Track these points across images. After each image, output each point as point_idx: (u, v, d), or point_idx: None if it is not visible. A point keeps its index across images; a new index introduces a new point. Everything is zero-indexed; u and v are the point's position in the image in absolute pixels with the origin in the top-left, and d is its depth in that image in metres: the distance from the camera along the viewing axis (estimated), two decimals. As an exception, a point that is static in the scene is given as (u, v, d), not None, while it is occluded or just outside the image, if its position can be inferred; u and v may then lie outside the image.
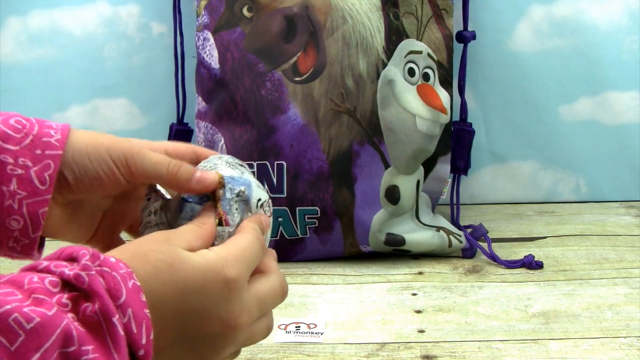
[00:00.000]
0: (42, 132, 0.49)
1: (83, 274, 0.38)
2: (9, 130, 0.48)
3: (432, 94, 0.92)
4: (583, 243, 0.98)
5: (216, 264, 0.44)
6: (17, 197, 0.47)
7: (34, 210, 0.48)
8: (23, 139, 0.48)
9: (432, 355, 0.71)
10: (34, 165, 0.48)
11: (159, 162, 0.50)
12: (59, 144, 0.48)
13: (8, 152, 0.47)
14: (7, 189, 0.47)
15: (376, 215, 0.91)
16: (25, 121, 0.49)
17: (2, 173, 0.47)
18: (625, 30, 1.05)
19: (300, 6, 0.88)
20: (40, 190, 0.48)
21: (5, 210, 0.48)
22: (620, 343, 0.73)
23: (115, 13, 1.07)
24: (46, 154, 0.48)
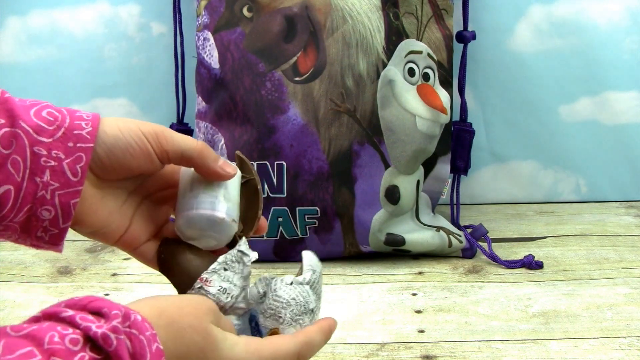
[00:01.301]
0: (73, 125, 0.50)
1: (112, 337, 0.39)
2: (42, 122, 0.49)
3: (432, 94, 0.92)
4: (583, 243, 0.98)
5: (239, 358, 0.47)
6: (50, 188, 0.48)
7: (65, 200, 0.49)
8: (56, 131, 0.49)
9: (432, 355, 0.72)
10: (67, 158, 0.49)
11: (188, 138, 0.53)
12: (90, 136, 0.50)
13: (42, 144, 0.48)
14: (41, 179, 0.48)
15: (376, 215, 0.91)
16: (57, 112, 0.50)
17: (36, 164, 0.48)
18: (625, 30, 1.05)
19: (300, 6, 0.88)
20: (72, 181, 0.49)
21: (38, 201, 0.49)
22: (620, 343, 0.73)
23: (116, 13, 1.07)
24: (78, 146, 0.49)
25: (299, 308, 0.54)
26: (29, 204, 0.49)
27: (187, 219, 0.54)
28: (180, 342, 0.44)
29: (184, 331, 0.44)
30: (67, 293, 0.87)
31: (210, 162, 0.53)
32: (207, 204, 0.54)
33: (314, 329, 0.53)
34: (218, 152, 0.91)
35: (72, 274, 0.92)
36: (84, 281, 0.90)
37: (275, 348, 0.49)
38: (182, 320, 0.45)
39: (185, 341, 0.44)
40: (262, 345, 0.48)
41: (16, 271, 0.93)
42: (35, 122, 0.48)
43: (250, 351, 0.47)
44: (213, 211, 0.54)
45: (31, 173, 0.48)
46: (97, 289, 0.87)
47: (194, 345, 0.44)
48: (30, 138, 0.48)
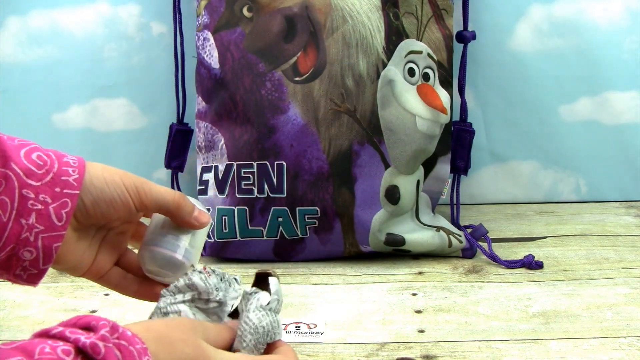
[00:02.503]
0: (61, 171, 0.51)
1: (100, 345, 0.39)
2: (32, 165, 0.50)
3: (432, 94, 0.92)
4: (583, 243, 0.98)
5: None
6: (35, 231, 0.50)
7: (48, 244, 0.50)
8: (44, 175, 0.50)
9: (432, 355, 0.71)
10: (53, 202, 0.50)
11: (166, 192, 0.56)
12: (76, 183, 0.51)
13: (30, 188, 0.50)
14: (26, 222, 0.49)
15: (376, 215, 0.91)
16: (45, 157, 0.51)
17: (23, 206, 0.49)
18: (625, 30, 1.05)
19: (300, 6, 0.88)
20: (56, 226, 0.50)
21: (21, 242, 0.50)
22: (620, 343, 0.73)
23: (115, 13, 1.07)
24: (64, 192, 0.51)
25: (264, 337, 0.55)
26: (12, 244, 0.50)
27: (150, 253, 0.58)
28: (171, 354, 0.44)
29: (174, 344, 0.45)
30: (67, 293, 0.87)
31: (185, 215, 0.57)
32: (171, 245, 0.58)
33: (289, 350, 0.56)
34: (218, 152, 0.91)
35: (72, 274, 0.92)
36: (84, 281, 0.89)
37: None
38: (171, 333, 0.45)
39: (177, 354, 0.44)
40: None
41: (16, 271, 0.93)
42: (26, 164, 0.50)
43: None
44: (174, 253, 0.58)
45: (17, 214, 0.49)
46: (97, 289, 0.87)
47: (185, 355, 0.45)
48: (20, 180, 0.49)
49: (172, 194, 0.56)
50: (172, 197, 0.56)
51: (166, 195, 0.56)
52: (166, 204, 0.56)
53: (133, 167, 1.11)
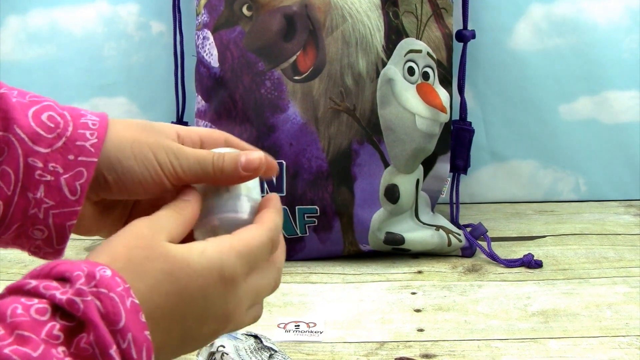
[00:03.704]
0: (76, 134, 0.43)
1: (77, 300, 0.34)
2: (40, 129, 0.42)
3: (432, 93, 0.92)
4: (582, 242, 0.98)
5: (214, 262, 0.40)
6: (44, 206, 0.43)
7: (60, 222, 0.43)
8: (55, 140, 0.42)
9: (432, 354, 0.71)
10: (65, 172, 0.42)
11: (204, 159, 0.45)
12: (94, 149, 0.43)
13: (37, 155, 0.42)
14: (33, 196, 0.42)
15: (376, 214, 0.91)
16: (59, 117, 0.43)
17: (29, 178, 0.42)
18: (625, 29, 1.05)
19: (299, 5, 0.88)
20: (69, 200, 0.43)
21: (29, 219, 0.43)
22: (620, 342, 0.73)
23: (115, 12, 1.07)
24: (79, 160, 0.43)
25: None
26: (18, 222, 0.43)
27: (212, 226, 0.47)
28: (146, 278, 0.38)
29: (143, 265, 0.39)
30: (66, 292, 0.86)
31: (232, 175, 0.46)
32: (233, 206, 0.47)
33: (271, 212, 0.46)
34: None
35: (71, 272, 0.92)
36: (84, 280, 0.90)
37: (248, 242, 0.42)
38: (133, 253, 0.39)
39: (149, 272, 0.38)
40: (234, 242, 0.42)
41: (15, 270, 0.93)
42: (33, 128, 0.42)
43: (225, 251, 0.40)
44: (239, 213, 0.47)
45: (23, 188, 0.42)
46: (97, 288, 0.87)
47: (160, 273, 0.38)
48: (25, 147, 0.42)
49: (211, 162, 0.45)
50: (212, 166, 0.45)
51: (206, 164, 0.45)
52: (206, 175, 0.45)
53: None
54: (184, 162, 0.45)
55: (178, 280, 0.39)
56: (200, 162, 0.45)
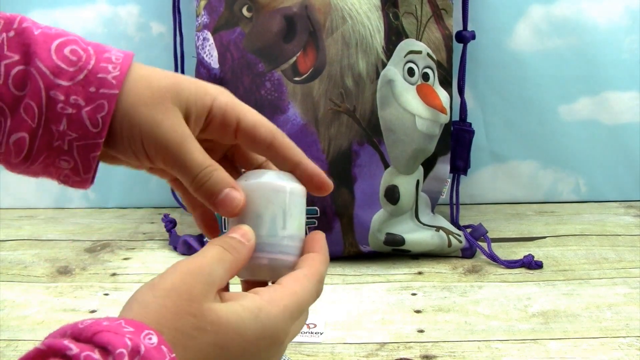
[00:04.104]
0: (98, 67, 0.43)
1: None
2: (61, 62, 0.42)
3: (432, 93, 0.92)
4: (583, 243, 0.98)
5: (269, 329, 0.40)
6: (67, 139, 0.42)
7: (84, 153, 0.43)
8: (77, 73, 0.42)
9: (432, 355, 0.71)
10: (87, 105, 0.42)
11: (192, 167, 0.43)
12: (115, 81, 0.43)
13: (59, 88, 0.42)
14: (57, 128, 0.42)
15: (376, 215, 0.91)
16: (82, 51, 0.43)
17: (52, 111, 0.42)
18: (625, 30, 1.05)
19: (299, 6, 0.88)
20: (91, 133, 0.42)
21: (54, 151, 0.43)
22: (620, 343, 0.73)
23: (115, 13, 1.07)
24: (100, 92, 0.42)
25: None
26: (44, 153, 0.43)
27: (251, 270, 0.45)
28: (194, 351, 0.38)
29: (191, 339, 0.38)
30: (66, 293, 0.86)
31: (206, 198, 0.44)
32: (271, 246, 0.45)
33: (320, 261, 0.45)
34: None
35: (71, 273, 0.92)
36: (84, 281, 0.90)
37: (299, 299, 0.41)
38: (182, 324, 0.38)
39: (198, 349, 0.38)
40: (287, 300, 0.41)
41: (16, 271, 0.93)
42: (54, 61, 0.42)
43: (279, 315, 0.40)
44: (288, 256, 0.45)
45: (47, 120, 0.42)
46: (97, 289, 0.87)
47: (211, 347, 0.38)
48: (47, 80, 0.42)
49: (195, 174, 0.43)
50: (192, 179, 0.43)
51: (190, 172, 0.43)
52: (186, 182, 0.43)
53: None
54: (169, 159, 0.43)
55: (229, 351, 0.39)
56: (188, 166, 0.43)
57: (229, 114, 0.45)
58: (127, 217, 1.13)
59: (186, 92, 0.44)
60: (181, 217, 1.09)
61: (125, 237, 1.04)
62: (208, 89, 0.45)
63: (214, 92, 0.45)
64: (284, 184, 0.45)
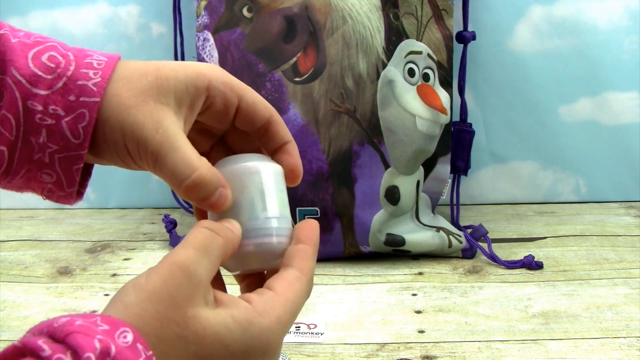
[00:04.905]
0: (78, 73, 0.40)
1: None
2: (39, 70, 0.40)
3: (432, 94, 0.92)
4: (583, 243, 0.98)
5: (260, 342, 0.38)
6: (48, 151, 0.40)
7: (67, 166, 0.41)
8: (55, 81, 0.40)
9: (432, 355, 0.71)
10: (67, 115, 0.39)
11: (178, 172, 0.40)
12: (96, 88, 0.40)
13: (37, 98, 0.39)
14: (36, 140, 0.39)
15: (376, 216, 0.91)
16: (60, 57, 0.41)
17: (30, 122, 0.39)
18: (625, 30, 1.05)
19: (300, 6, 0.88)
20: (73, 144, 0.40)
21: (34, 164, 0.40)
22: (620, 343, 0.73)
23: (115, 13, 1.07)
24: (81, 101, 0.39)
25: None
26: (25, 167, 0.41)
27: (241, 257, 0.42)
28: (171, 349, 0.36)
29: (173, 348, 0.36)
30: (67, 293, 0.87)
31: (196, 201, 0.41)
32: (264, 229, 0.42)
33: (310, 255, 0.43)
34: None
35: (72, 274, 0.92)
36: (84, 281, 0.90)
37: (293, 304, 0.40)
38: (165, 332, 0.36)
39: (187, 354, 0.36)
40: (280, 309, 0.39)
41: (16, 271, 0.93)
42: (31, 69, 0.39)
43: (272, 327, 0.38)
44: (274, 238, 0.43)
45: (25, 132, 0.39)
46: (97, 290, 0.87)
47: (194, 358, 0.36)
48: (23, 90, 0.39)
49: (184, 180, 0.40)
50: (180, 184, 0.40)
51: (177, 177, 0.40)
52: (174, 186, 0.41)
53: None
54: (154, 163, 0.41)
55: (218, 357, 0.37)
56: (171, 173, 0.40)
57: (229, 94, 0.43)
58: (128, 217, 1.13)
59: (172, 83, 0.41)
60: (182, 218, 1.09)
61: (125, 238, 1.04)
62: (201, 70, 0.42)
63: (208, 73, 0.43)
64: (255, 165, 0.43)
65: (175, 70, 0.42)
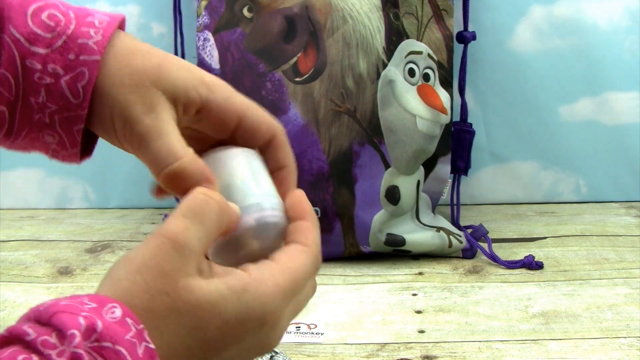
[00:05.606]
0: (78, 32, 0.39)
1: None
2: (38, 28, 0.38)
3: (433, 94, 0.92)
4: (583, 243, 0.98)
5: (255, 311, 0.36)
6: (47, 111, 0.39)
7: (67, 127, 0.40)
8: (55, 39, 0.38)
9: (433, 355, 0.71)
10: (66, 74, 0.38)
11: (159, 157, 0.39)
12: (97, 47, 0.39)
13: (36, 57, 0.38)
14: (35, 100, 0.39)
15: (376, 216, 0.91)
16: (61, 15, 0.39)
17: (28, 82, 0.39)
18: (625, 30, 1.05)
19: (300, 6, 0.88)
20: (72, 104, 0.39)
21: (35, 125, 0.40)
22: (621, 343, 0.73)
23: (116, 13, 1.06)
24: (80, 59, 0.38)
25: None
26: (26, 127, 0.40)
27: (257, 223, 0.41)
28: (167, 334, 0.34)
29: (164, 320, 0.34)
30: (67, 293, 0.86)
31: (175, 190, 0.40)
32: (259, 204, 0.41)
33: (313, 229, 0.42)
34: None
35: (72, 274, 0.92)
36: (84, 281, 0.90)
37: (295, 276, 0.38)
38: (156, 304, 0.34)
39: (172, 331, 0.34)
40: (279, 278, 0.37)
41: (16, 271, 0.93)
42: (30, 27, 0.38)
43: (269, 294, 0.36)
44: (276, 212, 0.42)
45: (24, 92, 0.39)
46: (98, 290, 0.87)
47: (186, 330, 0.35)
48: (21, 48, 0.38)
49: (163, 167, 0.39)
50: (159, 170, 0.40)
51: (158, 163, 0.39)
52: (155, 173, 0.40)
53: (135, 168, 1.11)
54: (136, 144, 0.40)
55: (208, 334, 0.35)
56: (157, 157, 0.39)
57: (228, 112, 0.42)
58: (128, 217, 1.13)
59: (173, 76, 0.40)
60: (182, 218, 1.09)
61: (126, 238, 1.04)
62: (205, 79, 0.42)
63: (212, 84, 0.42)
64: (241, 149, 0.43)
65: (183, 67, 0.41)
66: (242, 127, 0.43)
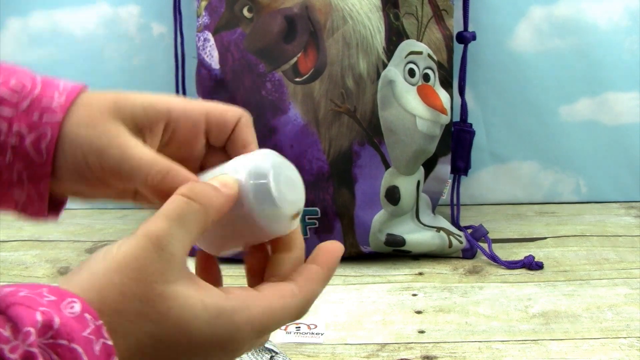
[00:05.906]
0: (43, 94, 0.41)
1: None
2: (7, 92, 0.40)
3: (433, 94, 0.92)
4: (583, 244, 0.98)
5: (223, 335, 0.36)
6: (15, 170, 0.41)
7: (34, 185, 0.41)
8: (20, 102, 0.40)
9: (433, 355, 0.71)
10: (30, 134, 0.40)
11: (146, 162, 0.40)
12: (59, 109, 0.40)
13: (3, 118, 0.40)
14: (4, 160, 0.40)
15: (376, 216, 0.91)
16: (29, 81, 0.41)
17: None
18: (625, 30, 1.05)
19: (300, 6, 0.88)
20: (37, 163, 0.40)
21: (4, 183, 0.41)
22: (621, 343, 0.73)
23: (116, 13, 1.07)
24: (44, 120, 0.40)
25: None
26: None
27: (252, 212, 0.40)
28: (129, 338, 0.34)
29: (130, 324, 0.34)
30: (67, 293, 0.86)
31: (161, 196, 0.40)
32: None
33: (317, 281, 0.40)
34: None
35: (72, 274, 0.92)
36: (84, 282, 0.90)
37: (275, 314, 0.38)
38: (126, 307, 0.34)
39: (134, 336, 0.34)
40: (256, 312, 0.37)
41: (16, 272, 0.93)
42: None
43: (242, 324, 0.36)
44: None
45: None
46: (98, 290, 0.87)
47: (150, 339, 0.35)
48: None
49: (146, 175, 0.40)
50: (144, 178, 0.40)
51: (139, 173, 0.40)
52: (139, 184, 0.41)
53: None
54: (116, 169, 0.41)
55: (169, 348, 0.35)
56: (140, 163, 0.40)
57: (194, 113, 0.44)
58: (129, 217, 1.13)
59: (129, 104, 0.42)
60: (182, 218, 1.09)
61: (125, 238, 1.04)
62: (160, 97, 0.43)
63: (167, 100, 0.43)
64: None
65: (134, 97, 0.43)
66: (212, 121, 0.45)
